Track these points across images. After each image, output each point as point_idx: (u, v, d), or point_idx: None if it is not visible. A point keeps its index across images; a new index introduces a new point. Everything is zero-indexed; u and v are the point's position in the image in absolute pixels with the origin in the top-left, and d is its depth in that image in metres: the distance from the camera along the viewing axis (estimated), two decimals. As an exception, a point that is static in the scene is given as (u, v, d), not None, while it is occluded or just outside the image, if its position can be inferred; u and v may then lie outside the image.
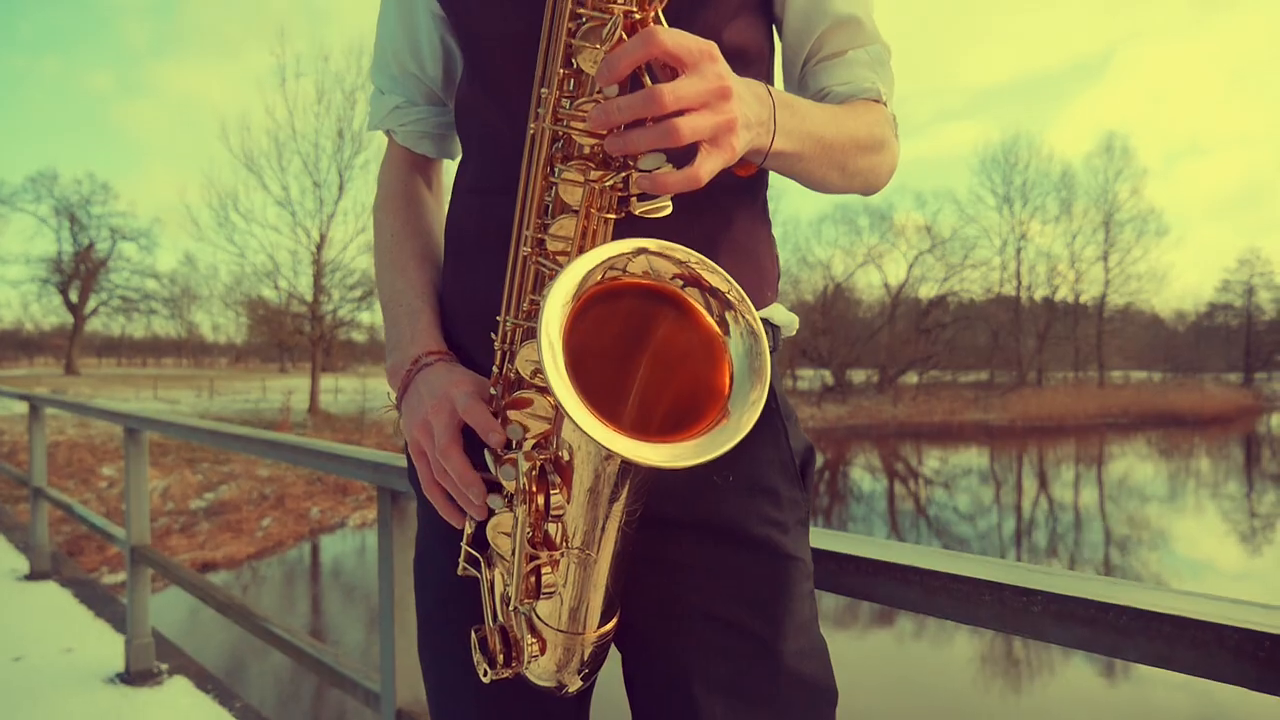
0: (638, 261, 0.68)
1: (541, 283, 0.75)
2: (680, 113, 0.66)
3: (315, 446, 2.28)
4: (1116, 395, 39.46)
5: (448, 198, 1.12)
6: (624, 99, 0.66)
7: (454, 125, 1.09)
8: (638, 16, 0.68)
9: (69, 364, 44.87)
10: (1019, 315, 44.05)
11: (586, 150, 0.71)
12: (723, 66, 0.69)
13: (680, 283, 0.69)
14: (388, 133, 1.09)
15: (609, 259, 0.67)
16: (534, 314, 0.76)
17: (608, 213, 0.72)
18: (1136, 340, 49.84)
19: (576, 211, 0.72)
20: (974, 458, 25.93)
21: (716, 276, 0.69)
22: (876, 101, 0.96)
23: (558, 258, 0.74)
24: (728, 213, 0.91)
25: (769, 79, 0.99)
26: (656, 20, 0.69)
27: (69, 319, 46.84)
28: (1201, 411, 36.99)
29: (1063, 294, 45.10)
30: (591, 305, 0.67)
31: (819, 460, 0.98)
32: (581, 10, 0.69)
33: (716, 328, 0.69)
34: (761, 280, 0.95)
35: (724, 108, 0.69)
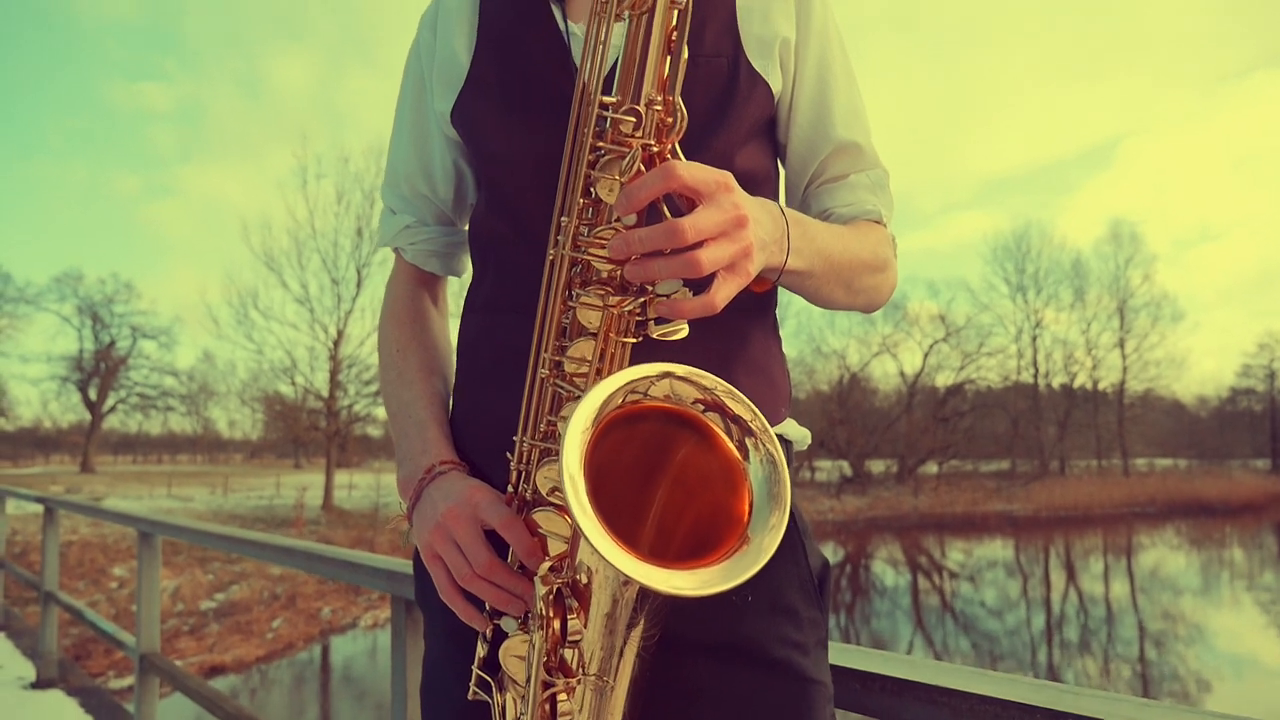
0: (661, 385, 0.69)
1: (559, 404, 0.76)
2: (699, 244, 0.68)
3: (328, 554, 2.25)
4: (1142, 484, 38.75)
5: (453, 314, 1.14)
6: (645, 231, 0.68)
7: (462, 245, 1.12)
8: (655, 149, 0.70)
9: (85, 461, 45.03)
10: (1038, 403, 43.71)
11: (604, 275, 0.73)
12: (738, 195, 0.71)
13: (701, 408, 0.69)
14: (396, 250, 1.12)
15: (632, 382, 0.67)
16: (551, 435, 0.76)
17: (626, 337, 0.73)
18: (1159, 427, 49.27)
19: (594, 335, 0.73)
20: (999, 549, 25.38)
21: (740, 404, 0.69)
22: (878, 223, 1.00)
23: (574, 380, 0.74)
24: (741, 331, 0.93)
25: (775, 200, 1.00)
26: (673, 153, 0.71)
27: (87, 416, 47.23)
28: (1230, 499, 36.21)
29: (1081, 381, 44.83)
30: (613, 428, 0.67)
31: (839, 554, 0.97)
32: (601, 144, 0.70)
33: (737, 453, 0.69)
34: (775, 396, 0.97)
35: (740, 235, 0.71)
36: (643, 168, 0.70)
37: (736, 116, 0.93)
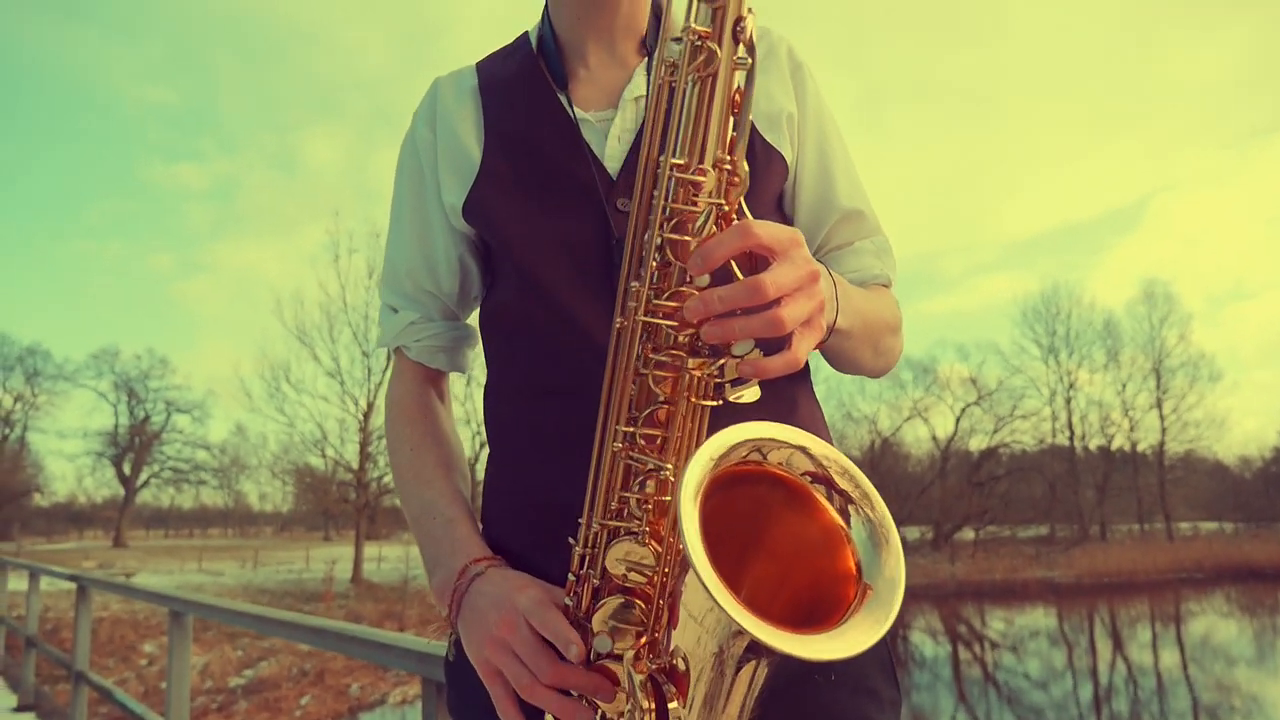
0: (761, 449, 0.68)
1: (630, 478, 0.72)
2: (779, 301, 0.67)
3: (358, 634, 2.22)
4: (1188, 548, 37.63)
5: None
6: (725, 290, 0.67)
7: (466, 339, 1.11)
8: (725, 208, 0.70)
9: (118, 536, 45.33)
10: (1075, 466, 42.90)
11: (674, 341, 0.71)
12: (807, 250, 0.71)
13: (809, 479, 0.68)
14: (398, 349, 1.09)
15: (735, 444, 0.66)
16: (623, 513, 0.73)
17: (704, 400, 0.71)
18: (1202, 489, 48.03)
19: (667, 403, 0.71)
20: (1041, 618, 24.64)
21: (845, 478, 0.68)
22: (885, 287, 1.03)
23: (647, 450, 0.72)
24: (790, 396, 0.94)
25: None
26: (740, 211, 0.71)
27: (121, 491, 47.72)
28: (1281, 564, 35.03)
29: (1119, 443, 44.00)
30: (714, 491, 0.65)
31: None
32: (675, 204, 0.69)
33: (838, 519, 0.68)
34: (817, 411, 0.98)
35: (815, 290, 0.70)
36: (714, 228, 0.69)
37: (758, 191, 0.95)
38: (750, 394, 0.69)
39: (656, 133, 0.71)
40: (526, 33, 1.08)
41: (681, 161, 0.68)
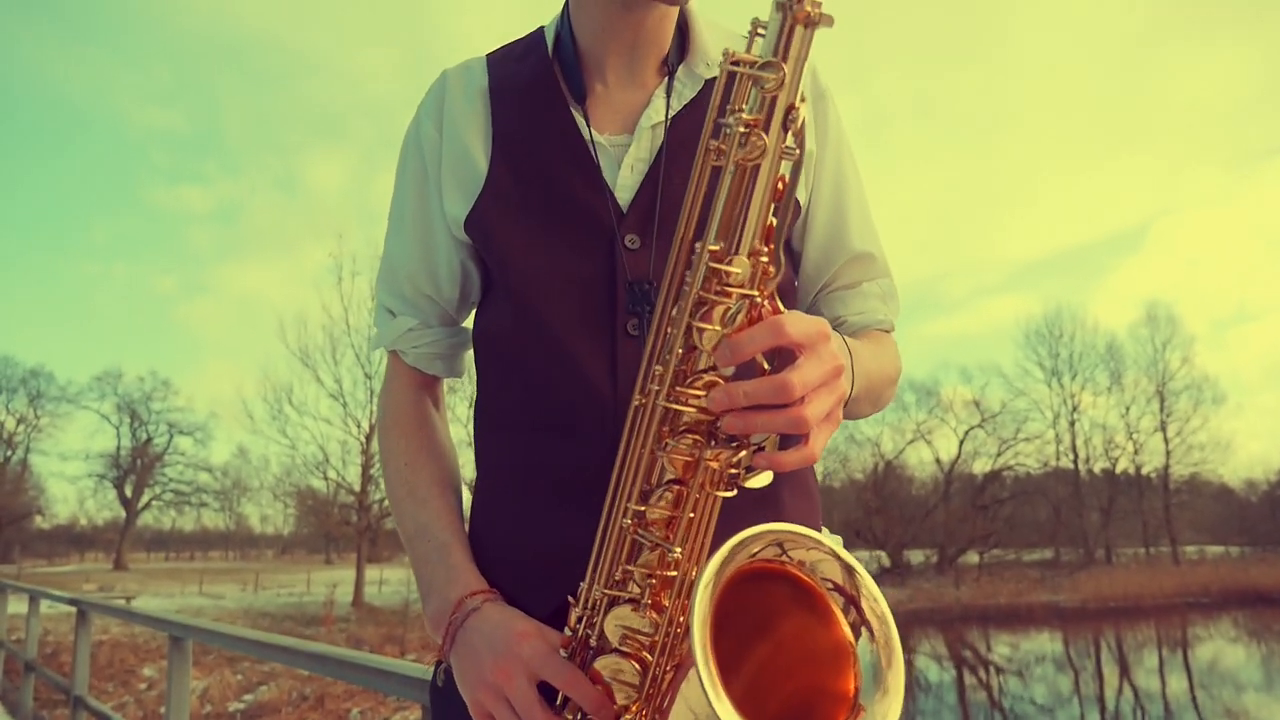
0: (784, 545, 0.68)
1: (638, 554, 0.72)
2: (802, 399, 0.67)
3: (359, 660, 2.21)
4: (1194, 572, 37.32)
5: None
6: (751, 385, 0.66)
7: (464, 345, 1.08)
8: (758, 299, 0.69)
9: (118, 559, 45.17)
10: (1079, 489, 42.68)
11: (691, 422, 0.71)
12: (834, 343, 0.71)
13: (829, 586, 0.68)
14: (394, 353, 1.06)
15: (767, 538, 0.66)
16: (626, 583, 0.73)
17: (719, 490, 0.70)
18: (1208, 513, 47.73)
19: (680, 484, 0.70)
20: (1046, 643, 24.42)
21: (867, 596, 0.68)
22: (887, 332, 1.02)
23: (654, 527, 0.71)
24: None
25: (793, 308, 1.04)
26: (773, 303, 0.70)
27: (122, 513, 47.59)
28: (1288, 588, 34.72)
29: (1123, 466, 43.77)
30: (733, 583, 0.65)
31: None
32: (704, 294, 0.68)
33: (849, 634, 0.67)
34: (813, 507, 0.97)
35: (837, 385, 0.70)
36: (744, 319, 0.68)
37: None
38: (762, 479, 0.69)
39: (695, 214, 0.70)
40: (542, 29, 1.03)
41: (717, 248, 0.67)
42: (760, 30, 0.67)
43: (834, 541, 0.68)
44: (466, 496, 1.03)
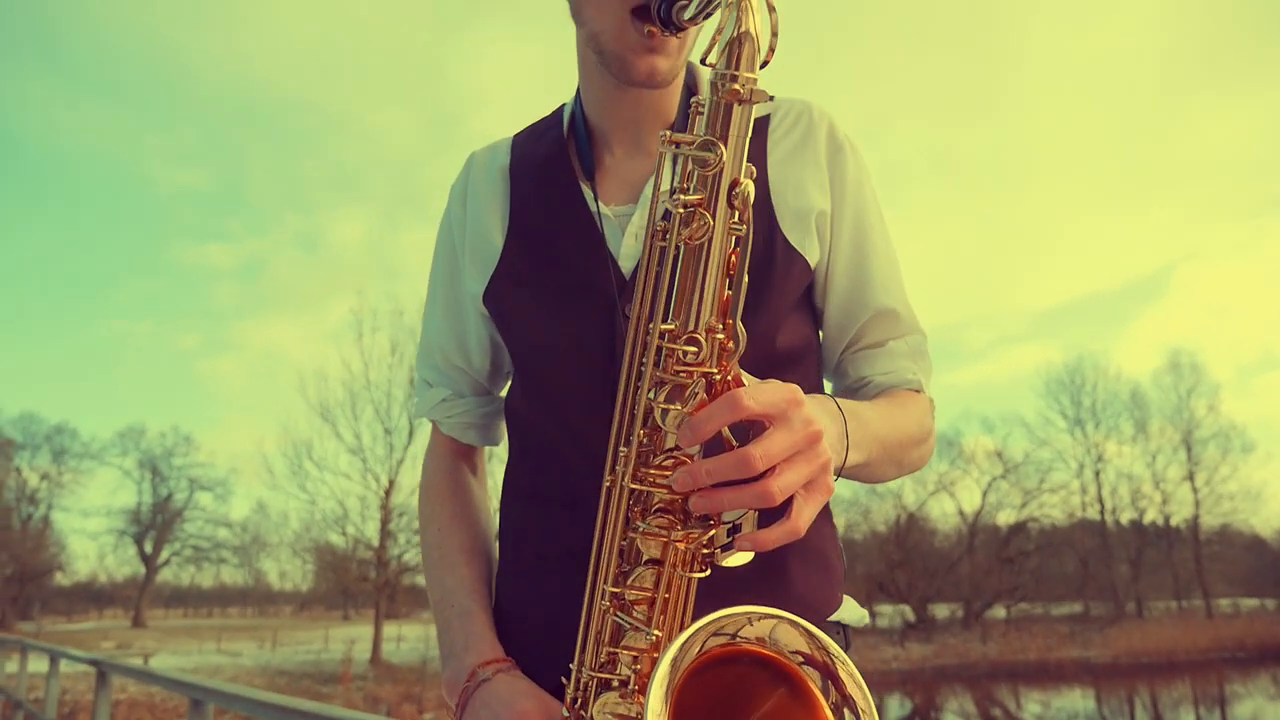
0: (759, 627, 0.66)
1: (620, 636, 0.72)
2: (770, 471, 0.65)
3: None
4: (1229, 626, 36.31)
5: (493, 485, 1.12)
6: (712, 463, 0.65)
7: (498, 414, 1.10)
8: (716, 377, 0.68)
9: (137, 616, 45.00)
10: (1107, 541, 41.84)
11: (665, 503, 0.70)
12: (807, 408, 0.68)
13: (800, 660, 0.66)
14: (435, 422, 1.09)
15: (722, 620, 0.64)
16: (611, 665, 0.73)
17: (693, 572, 0.70)
18: (1240, 564, 46.51)
19: (657, 562, 0.70)
20: (1079, 700, 23.75)
21: (852, 682, 0.66)
22: (917, 391, 0.99)
23: (635, 610, 0.71)
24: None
25: (818, 370, 1.01)
26: (735, 378, 0.69)
27: (141, 569, 47.55)
28: (1328, 642, 33.67)
29: (1151, 517, 42.90)
30: (701, 669, 0.64)
31: (906, 707, 0.93)
32: (660, 373, 0.69)
33: (830, 716, 0.65)
34: (831, 580, 0.95)
35: (814, 453, 0.67)
36: (704, 396, 0.68)
37: (776, 295, 0.91)
38: (739, 558, 0.68)
39: (647, 296, 0.71)
40: (563, 107, 1.06)
41: (672, 328, 0.68)
42: (701, 108, 0.68)
43: (854, 612, 0.68)
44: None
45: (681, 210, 0.66)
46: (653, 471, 0.69)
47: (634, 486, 0.70)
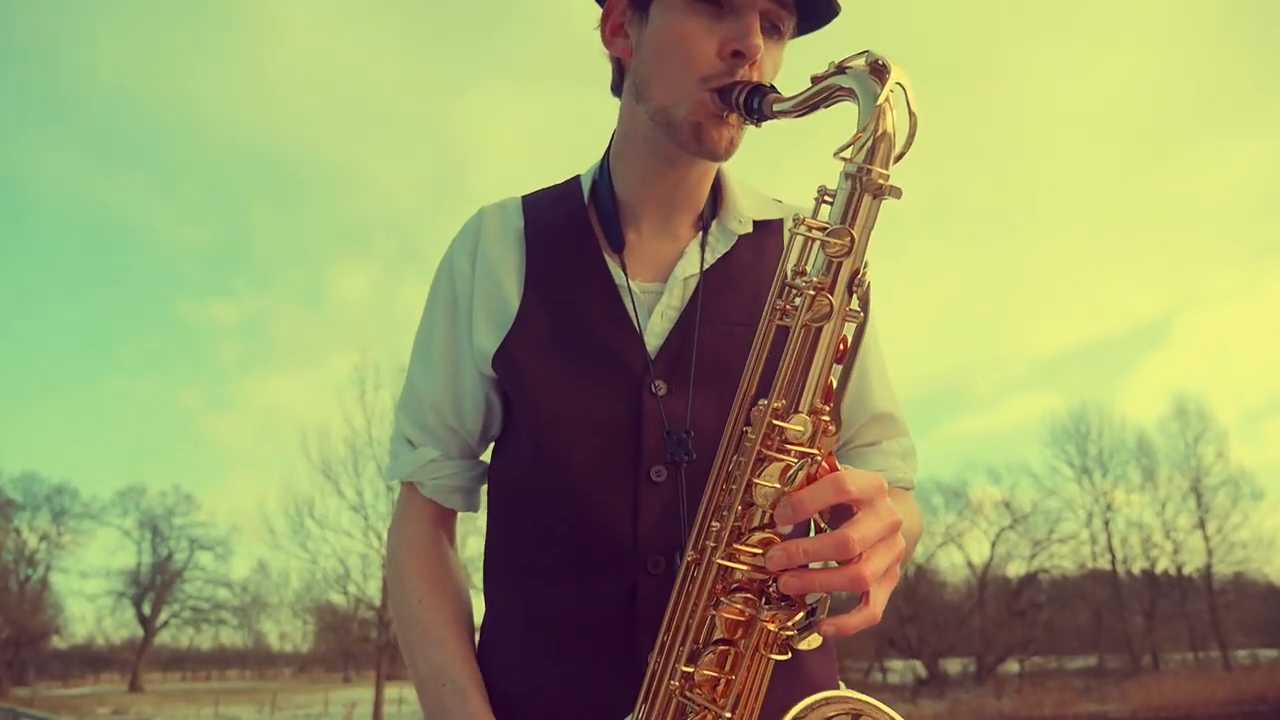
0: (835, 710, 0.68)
1: (683, 717, 0.69)
2: (861, 555, 0.66)
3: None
4: (1248, 678, 35.49)
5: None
6: (811, 543, 0.65)
7: (482, 478, 1.07)
8: (819, 458, 0.69)
9: (134, 680, 44.30)
10: (1119, 591, 41.29)
11: (743, 580, 0.70)
12: (890, 499, 0.71)
13: None
14: (412, 485, 1.05)
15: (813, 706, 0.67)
16: None
17: (775, 653, 0.69)
18: (1256, 614, 45.82)
19: (729, 643, 0.68)
20: (1098, 758, 23.10)
21: None
22: (907, 490, 1.05)
23: (704, 692, 0.69)
24: None
25: None
26: (830, 460, 0.70)
27: (139, 632, 46.93)
28: (1350, 693, 32.94)
29: (1163, 566, 42.36)
30: None
31: None
32: (765, 450, 0.68)
33: None
34: (831, 659, 0.97)
35: (895, 541, 0.70)
36: (804, 477, 0.69)
37: None
38: (812, 642, 0.68)
39: (757, 371, 0.71)
40: (579, 178, 1.06)
41: (780, 406, 0.68)
42: (828, 197, 0.70)
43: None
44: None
45: (810, 291, 0.68)
46: (742, 548, 0.68)
47: (722, 563, 0.68)
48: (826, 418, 0.69)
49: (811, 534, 0.68)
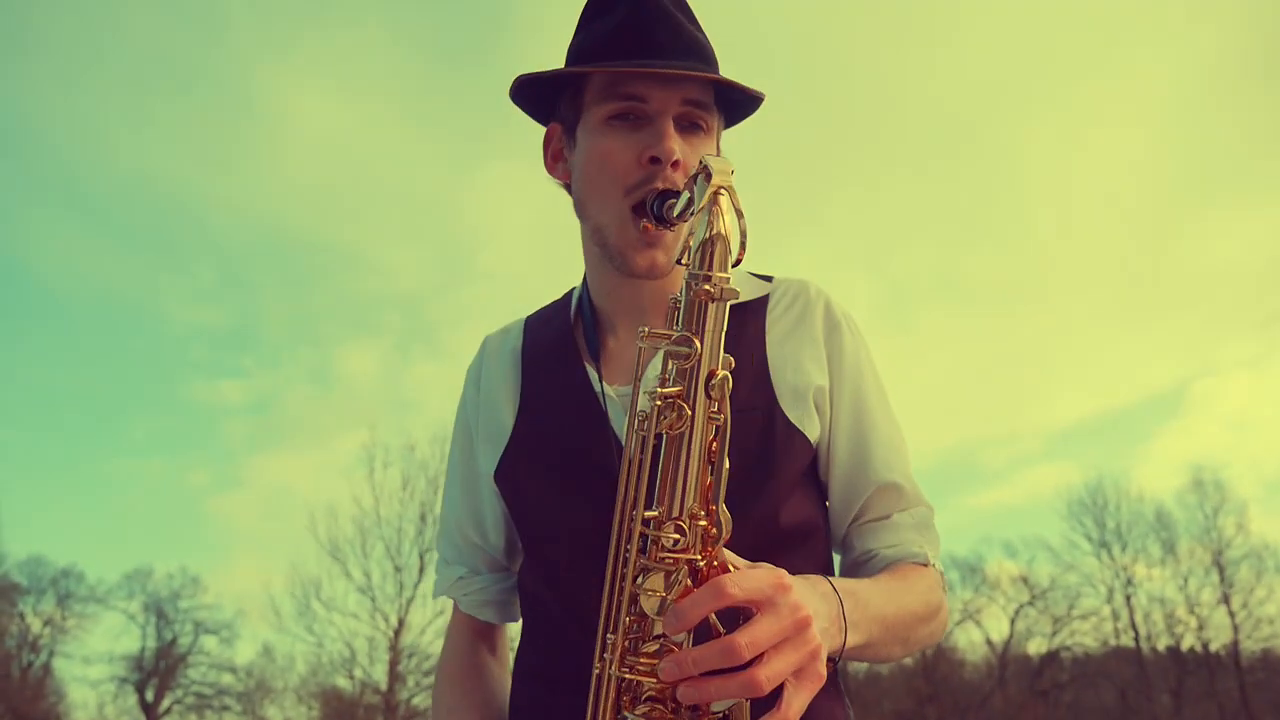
0: None
1: None
2: (758, 659, 0.65)
3: None
4: (1281, 761, 34.25)
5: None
6: (698, 652, 0.65)
7: (515, 590, 1.11)
8: (700, 564, 0.68)
9: (136, 769, 43.13)
10: (1145, 670, 40.00)
11: (656, 692, 0.70)
12: (796, 593, 0.68)
13: None
14: (455, 601, 1.11)
15: None
16: None
17: None
18: (1286, 692, 44.35)
19: None
20: None
21: None
22: (925, 565, 0.99)
23: None
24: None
25: (827, 546, 1.02)
26: (720, 563, 0.70)
27: (142, 719, 45.91)
28: (1390, 777, 31.58)
29: (1189, 643, 41.11)
30: None
31: None
32: (644, 560, 0.69)
33: None
34: None
35: (804, 639, 0.67)
36: (689, 583, 0.68)
37: (777, 473, 0.93)
38: None
39: (633, 485, 0.72)
40: (571, 292, 1.11)
41: (655, 514, 0.68)
42: (677, 305, 0.72)
43: None
44: None
45: (660, 402, 0.69)
46: (641, 660, 0.68)
47: (622, 675, 0.69)
48: (705, 522, 0.68)
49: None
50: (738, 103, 1.01)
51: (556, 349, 1.04)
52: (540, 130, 1.06)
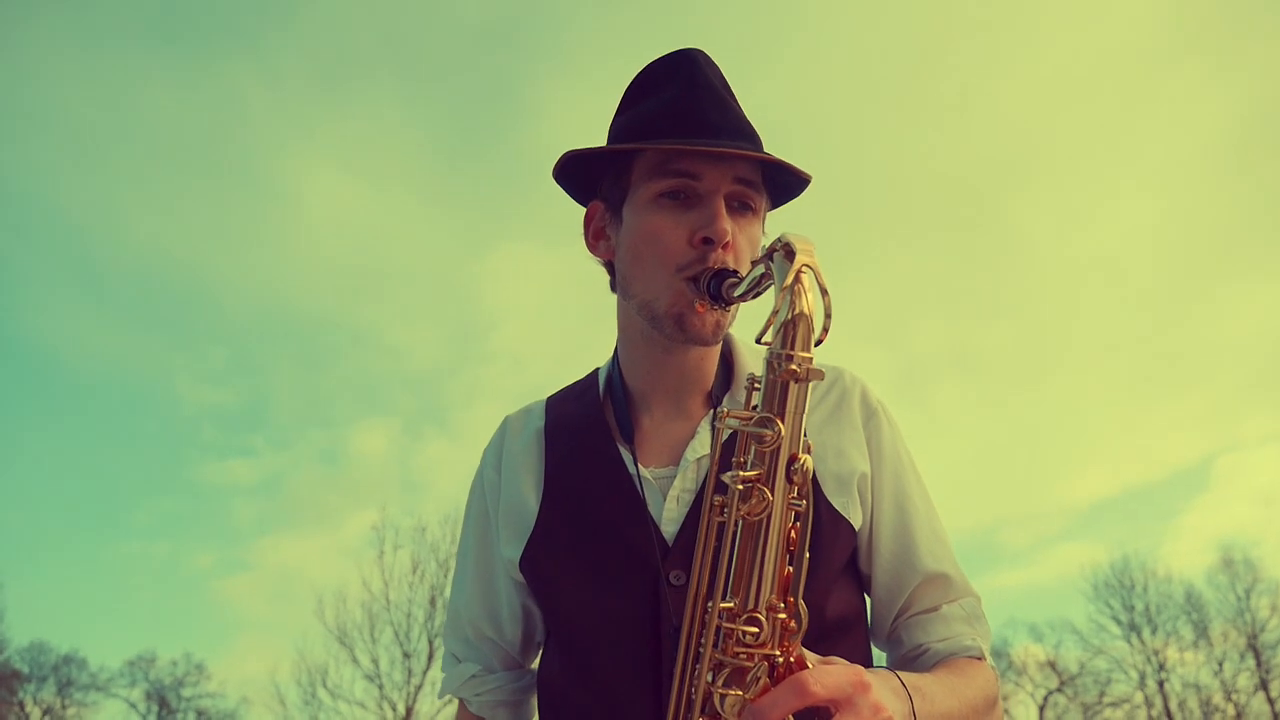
0: None
1: None
2: None
3: None
4: None
5: None
6: None
7: (531, 689, 1.05)
8: (780, 659, 0.65)
9: None
10: (1183, 761, 38.40)
11: None
12: (875, 692, 0.65)
13: None
14: (462, 701, 1.05)
15: None
16: None
17: None
18: (1333, 785, 42.38)
19: None
20: None
21: None
22: (979, 659, 0.96)
23: None
24: None
25: (867, 638, 0.99)
26: (799, 659, 0.66)
27: (141, 817, 44.41)
28: None
29: (1226, 732, 39.57)
30: None
31: None
32: (721, 656, 0.65)
33: None
34: None
35: None
36: (767, 680, 0.65)
37: (823, 562, 0.90)
38: None
39: (705, 573, 0.68)
40: (597, 371, 1.08)
41: (731, 606, 0.65)
42: (757, 385, 0.69)
43: None
44: None
45: (740, 486, 0.66)
46: None
47: None
48: (784, 614, 0.65)
49: None
50: (784, 185, 1.02)
51: (585, 429, 1.01)
52: (558, 213, 1.09)
